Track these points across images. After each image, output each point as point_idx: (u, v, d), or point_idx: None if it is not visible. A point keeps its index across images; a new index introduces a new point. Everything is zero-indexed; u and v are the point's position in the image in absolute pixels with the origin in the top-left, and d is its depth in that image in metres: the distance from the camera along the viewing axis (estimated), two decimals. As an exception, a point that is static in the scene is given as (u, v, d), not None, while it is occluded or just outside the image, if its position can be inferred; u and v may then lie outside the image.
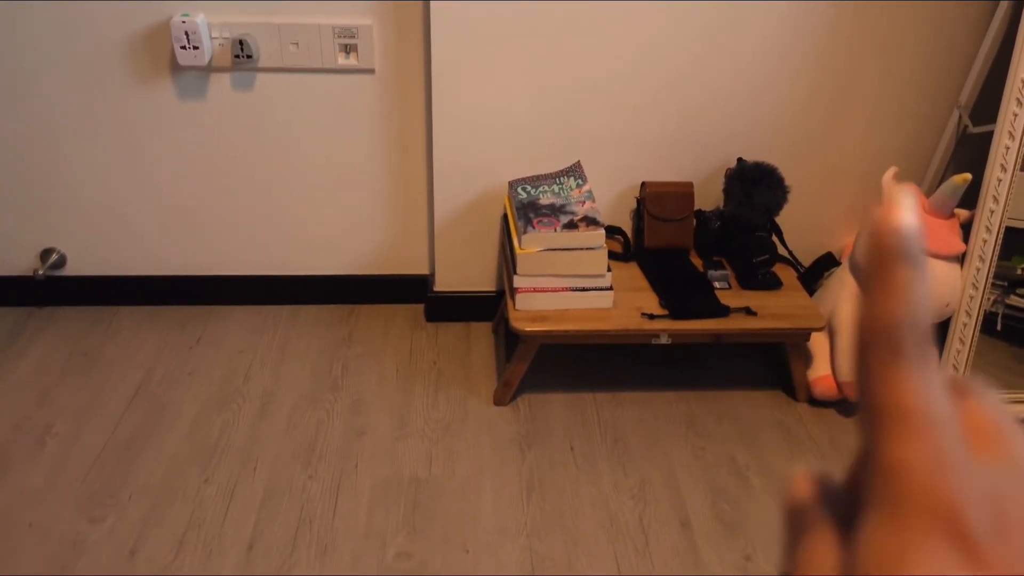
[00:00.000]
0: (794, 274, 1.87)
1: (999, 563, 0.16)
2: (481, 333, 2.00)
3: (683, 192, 1.86)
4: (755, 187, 1.79)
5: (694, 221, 1.89)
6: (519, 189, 1.81)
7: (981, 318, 1.72)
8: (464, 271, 2.00)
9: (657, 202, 1.86)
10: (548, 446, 1.66)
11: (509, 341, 1.94)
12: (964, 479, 0.17)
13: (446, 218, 1.92)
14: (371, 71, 1.79)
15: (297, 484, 1.54)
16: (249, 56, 1.72)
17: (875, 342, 0.19)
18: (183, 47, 1.68)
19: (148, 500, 1.49)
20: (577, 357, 1.91)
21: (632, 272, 1.84)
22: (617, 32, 1.73)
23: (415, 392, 1.79)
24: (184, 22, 1.66)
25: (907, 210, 0.19)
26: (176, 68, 1.76)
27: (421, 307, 2.08)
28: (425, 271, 2.07)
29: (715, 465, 1.63)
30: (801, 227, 1.94)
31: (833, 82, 1.81)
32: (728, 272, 1.82)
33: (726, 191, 1.84)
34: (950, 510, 0.16)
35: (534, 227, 1.68)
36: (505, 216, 1.91)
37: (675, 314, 1.69)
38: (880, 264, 0.19)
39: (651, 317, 1.68)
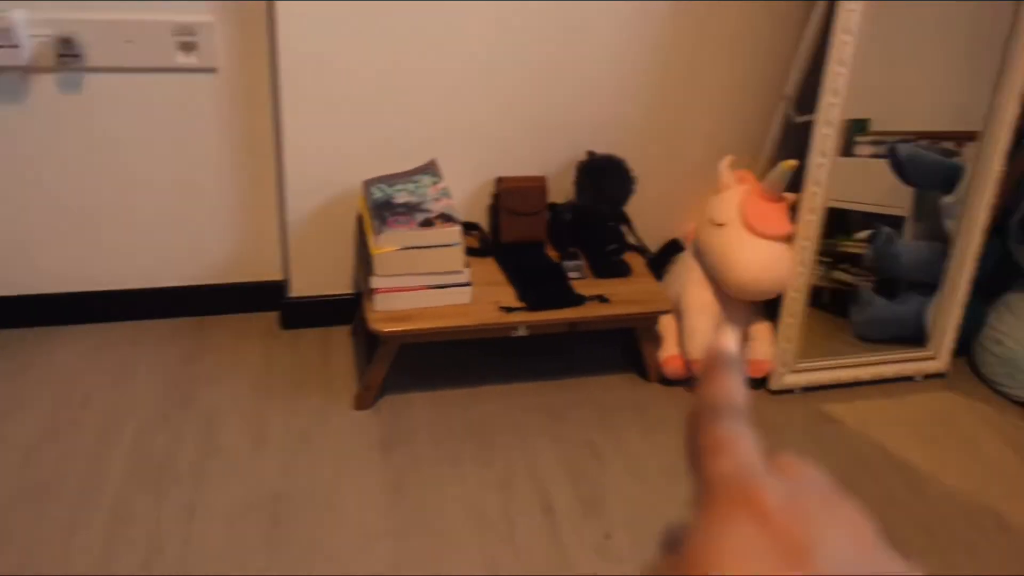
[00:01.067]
0: (643, 261, 1.96)
1: (788, 530, 0.22)
2: (340, 337, 1.98)
3: (536, 186, 1.90)
4: (604, 179, 1.86)
5: (548, 214, 1.94)
6: (374, 188, 1.80)
7: (808, 293, 1.87)
8: (320, 274, 1.96)
9: (512, 197, 1.90)
10: (412, 446, 1.66)
11: (369, 343, 1.93)
12: (760, 479, 0.23)
13: (299, 221, 1.88)
14: (213, 70, 1.72)
15: (146, 512, 1.47)
16: (76, 55, 1.61)
17: (703, 412, 0.27)
18: (-7, 46, 1.55)
19: (-23, 544, 1.38)
20: (438, 355, 1.92)
21: (490, 267, 1.87)
22: (468, 30, 1.75)
23: (272, 404, 1.75)
24: (-10, 19, 1.53)
25: (730, 340, 0.29)
26: (-16, 69, 1.62)
27: (276, 315, 2.03)
28: (278, 277, 2.01)
29: (575, 450, 1.69)
30: (648, 215, 2.04)
31: (674, 77, 1.91)
32: (582, 262, 1.89)
33: (577, 184, 1.90)
34: (750, 497, 0.23)
35: (389, 226, 1.67)
36: (360, 217, 1.89)
37: (532, 306, 1.73)
38: (712, 367, 0.28)
39: (509, 310, 1.72)
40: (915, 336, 2.02)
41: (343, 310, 2.00)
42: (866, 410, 1.91)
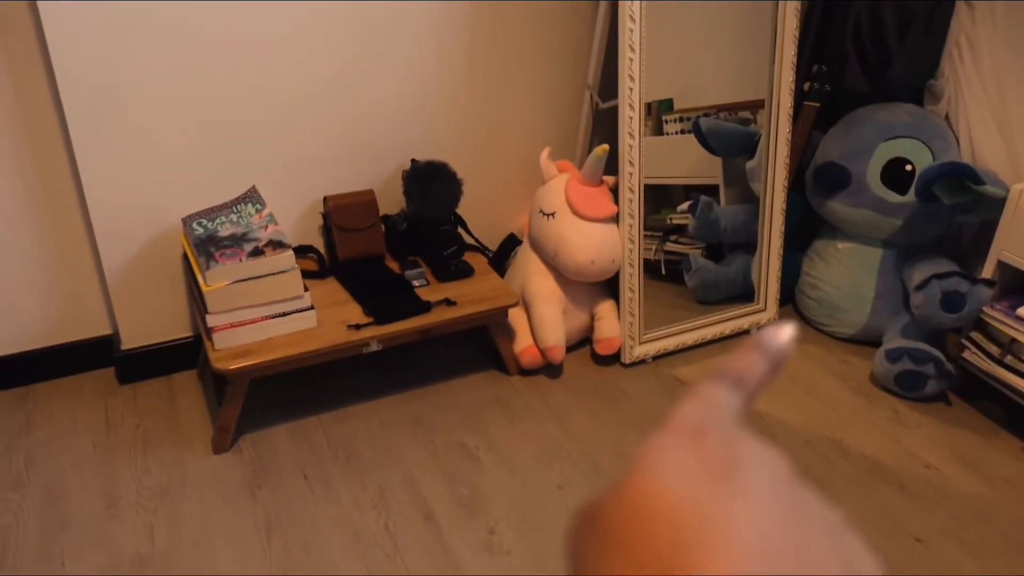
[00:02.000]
0: (484, 260, 2.02)
1: (732, 461, 0.24)
2: (186, 383, 1.90)
3: (365, 200, 1.91)
4: (431, 185, 1.90)
5: (382, 227, 1.96)
6: (194, 225, 1.74)
7: (643, 266, 1.99)
8: (152, 322, 1.87)
9: (342, 214, 1.90)
10: (280, 481, 1.63)
11: (218, 384, 1.87)
12: (714, 422, 0.26)
13: (120, 269, 1.79)
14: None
15: (-10, 605, 1.35)
16: None
17: (710, 373, 0.29)
18: None
19: None
20: (293, 383, 1.89)
21: (331, 287, 1.86)
22: (273, 52, 1.73)
23: (121, 464, 1.65)
24: None
25: (786, 335, 0.30)
26: None
27: (111, 371, 1.91)
28: (107, 331, 1.90)
29: (446, 454, 1.71)
30: (482, 215, 2.10)
31: (483, 78, 1.98)
32: (424, 269, 1.92)
33: (406, 193, 1.93)
34: (700, 432, 0.25)
35: (217, 261, 1.63)
36: (186, 255, 1.82)
37: (380, 319, 1.74)
38: (751, 343, 0.30)
39: (358, 327, 1.72)
40: (745, 293, 2.20)
41: (183, 355, 1.92)
42: (711, 368, 2.05)
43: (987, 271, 1.82)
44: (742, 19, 2.01)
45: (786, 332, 0.30)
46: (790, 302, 2.29)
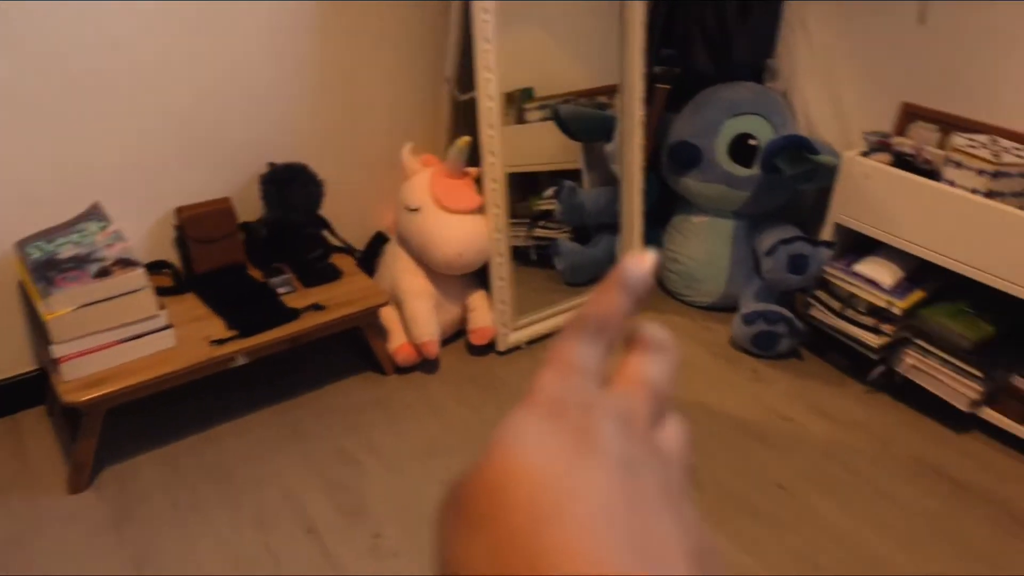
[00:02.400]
0: (352, 260, 1.98)
1: (585, 430, 0.24)
2: (34, 421, 1.77)
3: (221, 209, 1.84)
4: (290, 188, 1.85)
5: (241, 235, 1.89)
6: (30, 248, 1.62)
7: (513, 254, 2.01)
8: (-11, 358, 1.73)
9: (197, 225, 1.81)
10: (148, 514, 1.54)
11: (71, 418, 1.75)
12: (572, 392, 0.26)
13: (-57, 304, 1.64)
14: None
15: None
16: None
17: (571, 320, 0.28)
18: None
19: None
20: (158, 407, 1.79)
21: (190, 303, 1.77)
22: (106, 57, 1.62)
23: (-36, 516, 1.52)
24: None
25: (644, 262, 0.29)
26: None
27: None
28: (-61, 372, 1.75)
29: (326, 462, 1.68)
30: (347, 215, 2.06)
31: (338, 76, 1.94)
32: (289, 276, 1.86)
33: (264, 198, 1.86)
34: (559, 405, 0.25)
35: (58, 285, 1.52)
36: (21, 283, 1.69)
37: (244, 332, 1.68)
38: (610, 280, 0.29)
39: (222, 342, 1.65)
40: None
41: (28, 391, 1.79)
42: (573, 316, 2.10)
43: (826, 233, 1.96)
44: (594, 6, 2.06)
45: (643, 261, 0.29)
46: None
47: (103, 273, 1.56)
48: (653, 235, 2.31)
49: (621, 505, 0.23)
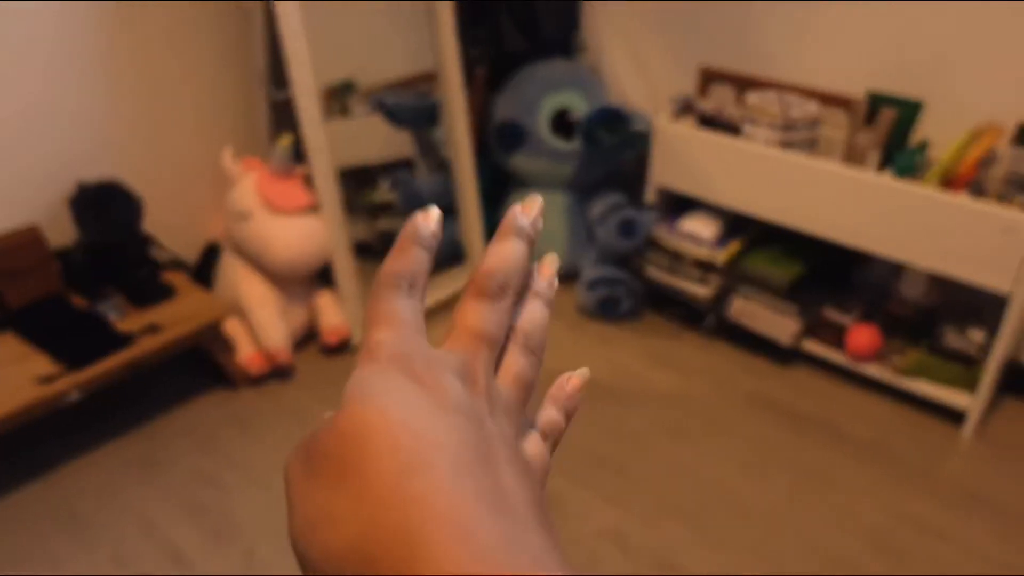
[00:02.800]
0: (184, 276, 1.91)
1: (433, 384, 0.26)
2: None
3: (29, 239, 1.71)
4: (105, 207, 1.76)
5: (56, 263, 1.77)
6: None
7: (355, 249, 2.01)
8: None
9: (3, 258, 1.68)
10: (-10, 572, 1.44)
11: None
12: (412, 347, 0.27)
13: None
14: None
15: None
16: None
17: (382, 280, 0.29)
18: None
19: None
20: (-14, 460, 1.66)
21: (9, 341, 1.65)
22: None
23: None
24: None
25: (431, 217, 0.31)
26: None
27: None
28: None
29: (185, 487, 1.62)
30: (174, 228, 1.97)
31: (147, 81, 1.85)
32: (118, 299, 1.76)
33: (78, 220, 1.76)
34: (403, 359, 0.26)
35: None
36: None
37: (73, 364, 1.58)
38: (402, 240, 0.30)
39: (50, 380, 1.55)
40: (456, 255, 2.31)
41: None
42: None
43: (649, 197, 2.10)
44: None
45: (429, 216, 0.31)
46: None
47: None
48: (491, 216, 2.37)
49: (474, 458, 0.24)
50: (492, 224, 2.37)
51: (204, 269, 2.03)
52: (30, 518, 1.55)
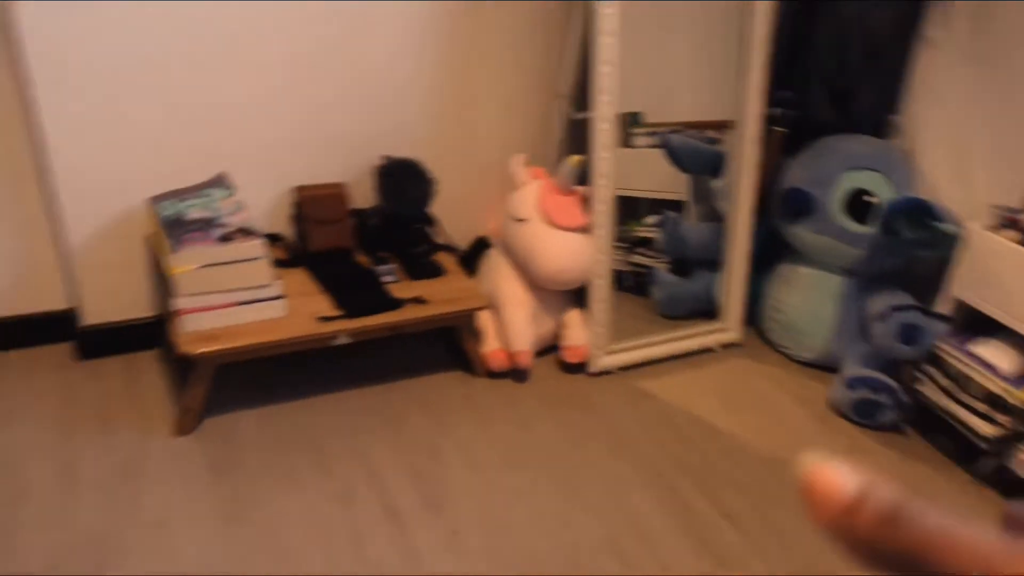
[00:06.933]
0: (454, 260, 2.18)
1: None
2: (148, 363, 2.01)
3: (337, 193, 2.06)
4: (404, 182, 2.06)
5: (354, 220, 2.10)
6: (163, 205, 1.85)
7: (612, 277, 2.17)
8: (114, 299, 1.98)
9: (314, 205, 2.04)
10: (243, 467, 1.75)
11: (183, 366, 1.98)
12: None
13: (86, 244, 1.90)
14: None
15: (-54, 574, 1.45)
16: None
17: (884, 523, 0.29)
18: None
19: None
20: (262, 370, 2.01)
21: (301, 278, 1.99)
22: (253, 39, 1.87)
23: (79, 440, 1.75)
24: None
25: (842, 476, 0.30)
26: None
27: (69, 345, 2.01)
28: (63, 305, 2.00)
29: (412, 450, 1.86)
30: (453, 215, 2.26)
31: (461, 79, 2.15)
32: (395, 266, 2.07)
33: (378, 188, 2.08)
34: None
35: (185, 244, 1.74)
36: (149, 236, 1.94)
37: (351, 313, 1.88)
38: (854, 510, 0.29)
39: (327, 319, 1.86)
40: (709, 310, 2.40)
41: (146, 334, 2.03)
42: (676, 383, 2.23)
43: (943, 306, 2.04)
44: (715, 39, 2.23)
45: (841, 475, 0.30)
46: (755, 323, 2.48)
47: (226, 238, 1.78)
48: (757, 280, 2.43)
49: None
50: (755, 287, 2.43)
51: (471, 258, 2.30)
52: (281, 429, 1.86)
